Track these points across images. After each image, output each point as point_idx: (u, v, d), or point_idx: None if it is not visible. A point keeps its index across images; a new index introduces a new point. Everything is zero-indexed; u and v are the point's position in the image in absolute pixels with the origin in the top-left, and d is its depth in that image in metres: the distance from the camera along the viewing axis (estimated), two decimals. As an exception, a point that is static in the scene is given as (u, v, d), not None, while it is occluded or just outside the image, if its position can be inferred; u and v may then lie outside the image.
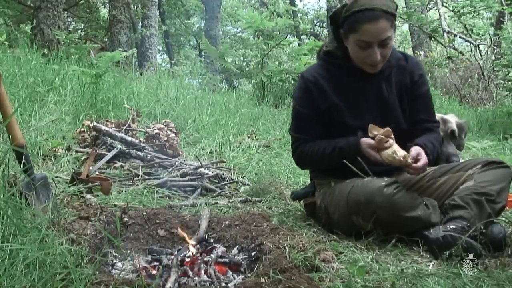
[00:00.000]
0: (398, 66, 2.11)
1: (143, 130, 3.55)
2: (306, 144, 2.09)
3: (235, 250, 1.79)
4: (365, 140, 1.94)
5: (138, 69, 7.96)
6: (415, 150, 1.92)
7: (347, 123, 2.05)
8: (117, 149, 3.13)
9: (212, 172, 2.99)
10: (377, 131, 1.91)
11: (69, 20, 11.95)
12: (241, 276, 1.57)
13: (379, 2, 1.88)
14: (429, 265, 1.69)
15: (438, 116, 2.46)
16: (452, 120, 2.55)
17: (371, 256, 1.73)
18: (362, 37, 1.90)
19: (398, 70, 2.11)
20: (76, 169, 2.75)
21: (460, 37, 10.70)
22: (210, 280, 1.48)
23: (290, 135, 2.19)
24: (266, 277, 1.40)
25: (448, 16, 12.36)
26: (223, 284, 1.48)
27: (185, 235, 1.73)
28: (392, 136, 1.90)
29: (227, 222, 1.96)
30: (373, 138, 1.92)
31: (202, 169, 2.95)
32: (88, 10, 11.59)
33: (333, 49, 2.10)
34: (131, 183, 2.70)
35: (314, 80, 2.08)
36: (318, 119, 2.08)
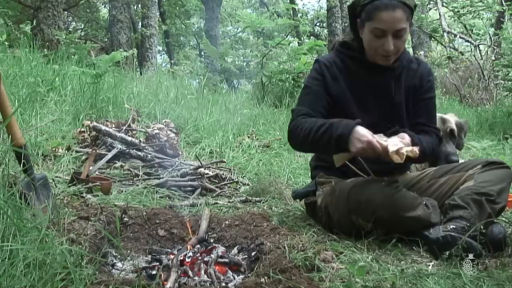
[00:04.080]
0: (409, 67, 2.13)
1: (143, 130, 3.55)
2: (305, 117, 2.01)
3: (235, 250, 1.79)
4: (363, 129, 1.84)
5: (138, 69, 7.96)
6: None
7: (355, 116, 2.05)
8: (117, 149, 3.13)
9: (212, 172, 2.99)
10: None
11: (69, 20, 11.95)
12: (241, 276, 1.57)
13: None
14: (429, 265, 1.69)
15: (437, 115, 2.46)
16: (452, 119, 2.55)
17: (371, 256, 1.73)
18: (378, 25, 1.92)
19: (408, 71, 2.12)
20: (76, 169, 2.75)
21: (460, 37, 10.71)
22: (210, 280, 1.48)
23: (292, 111, 2.09)
24: (266, 277, 1.40)
25: (448, 16, 12.36)
26: (223, 284, 1.48)
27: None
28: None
29: (227, 222, 1.96)
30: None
31: (202, 169, 2.95)
32: (88, 10, 11.60)
33: (350, 40, 2.12)
34: (131, 183, 2.70)
35: (329, 65, 2.09)
36: (326, 99, 2.05)
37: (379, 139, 1.81)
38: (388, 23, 1.90)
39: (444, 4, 12.07)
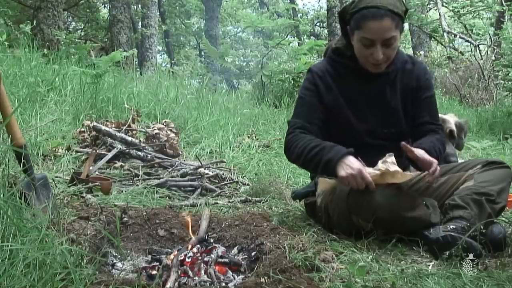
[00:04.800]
0: (403, 69, 2.11)
1: (143, 130, 3.55)
2: (302, 132, 2.02)
3: (235, 250, 1.79)
4: (354, 159, 1.87)
5: (138, 69, 7.96)
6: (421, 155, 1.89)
7: (351, 123, 2.05)
8: (117, 149, 3.13)
9: (212, 172, 2.99)
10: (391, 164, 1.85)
11: (69, 20, 11.95)
12: (241, 276, 1.57)
13: (386, 1, 1.88)
14: (429, 265, 1.69)
15: None
16: (451, 119, 2.55)
17: (371, 256, 1.73)
18: (365, 34, 1.90)
19: (403, 73, 2.10)
20: (76, 169, 2.75)
21: (460, 37, 10.70)
22: (210, 280, 1.48)
23: (288, 123, 2.12)
24: (266, 277, 1.40)
25: (448, 16, 12.36)
26: (223, 284, 1.48)
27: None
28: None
29: (227, 222, 1.96)
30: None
31: (202, 169, 2.95)
32: (88, 10, 11.59)
33: (342, 46, 2.09)
34: (131, 183, 2.70)
35: (322, 75, 2.08)
36: (320, 109, 2.05)
37: (370, 169, 1.84)
38: (376, 33, 1.88)
39: (444, 4, 12.06)
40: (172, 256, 1.56)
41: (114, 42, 9.92)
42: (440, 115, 2.52)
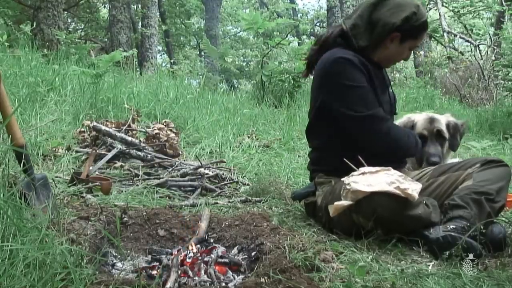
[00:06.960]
0: None
1: (143, 130, 3.55)
2: (391, 122, 2.19)
3: (235, 250, 1.79)
4: None
5: (138, 69, 7.95)
6: None
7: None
8: (117, 149, 3.13)
9: (212, 172, 2.99)
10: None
11: (69, 20, 11.96)
12: (241, 276, 1.58)
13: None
14: (429, 265, 1.69)
15: (427, 115, 2.48)
16: (443, 119, 2.50)
17: (371, 256, 1.73)
18: (418, 43, 2.21)
19: None
20: (76, 169, 2.75)
21: (460, 37, 10.71)
22: (210, 280, 1.49)
23: (361, 116, 2.02)
24: (266, 277, 1.40)
25: (448, 16, 12.36)
26: (223, 284, 1.48)
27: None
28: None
29: (227, 222, 1.96)
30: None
31: (202, 169, 2.95)
32: (88, 10, 11.60)
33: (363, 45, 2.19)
34: (131, 183, 2.70)
35: (357, 60, 2.07)
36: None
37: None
38: (421, 41, 2.28)
39: (444, 4, 12.07)
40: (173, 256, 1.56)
41: (114, 42, 9.93)
42: (431, 114, 2.54)
